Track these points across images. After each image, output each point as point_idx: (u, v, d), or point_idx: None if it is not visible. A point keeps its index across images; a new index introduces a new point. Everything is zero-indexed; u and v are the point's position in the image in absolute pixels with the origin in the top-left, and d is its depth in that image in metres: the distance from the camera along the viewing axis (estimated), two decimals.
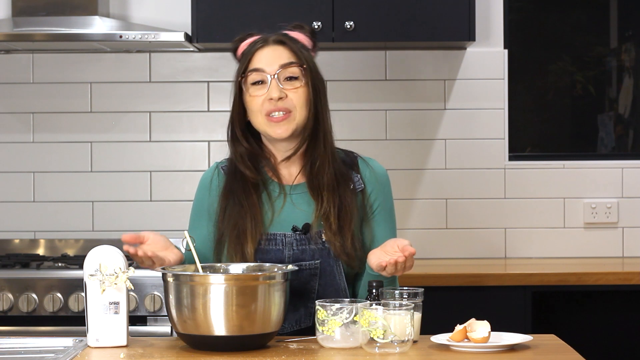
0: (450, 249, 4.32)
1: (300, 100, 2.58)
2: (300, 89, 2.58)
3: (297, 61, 2.59)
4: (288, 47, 2.61)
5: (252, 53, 2.61)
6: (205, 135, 4.32)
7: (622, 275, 3.83)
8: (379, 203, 2.66)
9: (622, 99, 4.52)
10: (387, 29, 3.99)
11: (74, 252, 4.22)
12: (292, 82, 2.58)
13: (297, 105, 2.58)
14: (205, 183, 2.69)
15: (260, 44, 2.61)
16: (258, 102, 2.58)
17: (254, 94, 2.59)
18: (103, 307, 2.34)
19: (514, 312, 3.74)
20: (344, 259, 2.58)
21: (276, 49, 2.60)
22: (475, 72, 4.31)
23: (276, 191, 2.62)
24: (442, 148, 4.32)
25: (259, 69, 2.59)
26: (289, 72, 2.58)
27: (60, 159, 4.32)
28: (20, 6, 4.07)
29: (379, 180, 2.67)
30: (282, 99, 2.56)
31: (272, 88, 2.56)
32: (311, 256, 2.57)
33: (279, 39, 2.61)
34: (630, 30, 4.53)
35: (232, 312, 2.24)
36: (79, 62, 4.31)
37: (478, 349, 2.27)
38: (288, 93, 2.57)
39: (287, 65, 2.58)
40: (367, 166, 2.68)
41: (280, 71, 2.57)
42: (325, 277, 2.58)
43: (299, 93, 2.58)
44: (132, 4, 4.30)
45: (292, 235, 2.58)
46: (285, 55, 2.60)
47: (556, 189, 4.33)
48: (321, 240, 2.58)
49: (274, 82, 2.57)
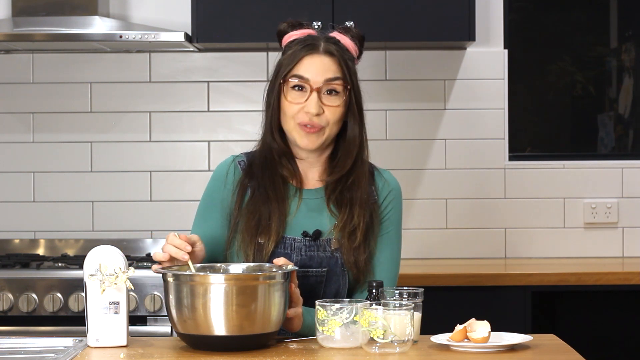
0: (450, 249, 4.32)
1: (334, 118, 2.54)
2: (338, 108, 2.54)
3: (342, 78, 2.55)
4: (336, 59, 2.55)
5: (299, 58, 2.55)
6: (205, 135, 4.32)
7: (622, 275, 3.83)
8: (388, 217, 2.63)
9: (622, 99, 4.52)
10: (387, 29, 3.99)
11: (74, 252, 4.22)
12: (331, 98, 2.54)
13: (330, 121, 2.54)
14: (220, 175, 2.63)
15: (310, 50, 2.55)
16: (294, 109, 2.54)
17: (292, 100, 2.54)
18: (103, 307, 2.34)
19: (514, 312, 3.74)
20: (354, 272, 2.56)
21: (325, 61, 2.54)
22: (475, 72, 4.31)
23: (292, 193, 2.60)
24: (442, 148, 4.32)
25: (303, 77, 2.53)
26: (332, 86, 2.54)
27: (60, 159, 4.32)
28: (20, 6, 4.07)
29: (391, 194, 2.64)
30: (319, 115, 2.53)
31: (311, 101, 2.52)
32: (318, 263, 2.56)
33: (329, 50, 2.55)
34: (630, 30, 4.53)
35: (232, 312, 2.24)
36: (79, 62, 4.31)
37: (478, 349, 2.27)
38: (325, 109, 2.53)
39: (332, 80, 2.54)
40: (381, 178, 2.65)
41: (323, 85, 2.53)
42: (330, 286, 2.57)
43: (336, 111, 2.54)
44: (132, 4, 4.30)
45: (301, 240, 2.56)
46: (332, 69, 2.54)
47: (556, 189, 4.33)
48: (330, 248, 2.56)
49: (314, 95, 2.52)
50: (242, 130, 4.29)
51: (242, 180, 2.60)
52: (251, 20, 3.99)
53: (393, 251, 2.63)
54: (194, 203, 2.82)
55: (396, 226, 2.64)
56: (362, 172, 2.59)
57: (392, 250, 2.62)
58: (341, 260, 2.56)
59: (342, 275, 2.57)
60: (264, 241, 2.53)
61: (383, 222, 2.62)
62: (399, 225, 2.65)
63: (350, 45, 2.61)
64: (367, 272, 2.57)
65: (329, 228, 2.58)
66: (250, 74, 4.32)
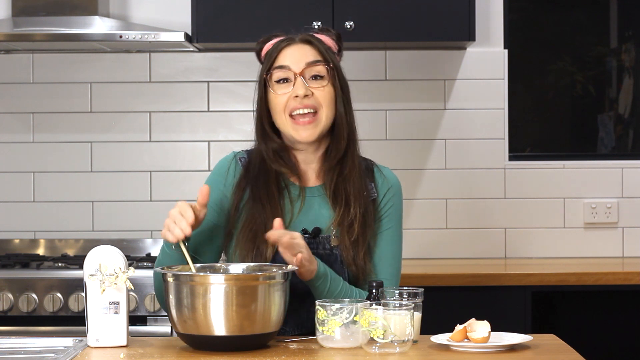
0: (450, 249, 4.32)
1: (326, 99, 2.56)
2: (327, 87, 2.56)
3: (323, 60, 2.57)
4: (314, 46, 2.58)
5: (278, 51, 2.58)
6: (205, 135, 4.32)
7: (622, 275, 3.83)
8: (388, 214, 2.63)
9: (622, 99, 4.52)
10: (387, 29, 3.99)
11: (74, 252, 4.22)
12: (318, 81, 2.56)
13: (323, 103, 2.55)
14: (221, 171, 2.64)
15: (286, 42, 2.59)
16: (282, 101, 2.55)
17: (279, 92, 2.56)
18: (103, 307, 2.34)
19: (514, 312, 3.74)
20: (353, 270, 2.57)
21: (302, 48, 2.58)
22: (475, 72, 4.31)
23: (295, 193, 2.60)
24: (442, 148, 4.32)
25: (284, 66, 2.56)
26: (315, 70, 2.56)
27: (60, 159, 4.32)
28: (20, 6, 4.07)
29: (391, 191, 2.64)
30: (308, 97, 2.54)
31: (297, 85, 2.54)
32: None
33: (306, 38, 2.59)
34: (630, 30, 4.53)
35: (232, 312, 2.24)
36: (79, 62, 4.31)
37: (478, 349, 2.27)
38: (314, 91, 2.55)
39: (314, 63, 2.56)
40: (381, 175, 2.65)
41: (306, 69, 2.55)
42: None
43: (325, 91, 2.56)
44: (132, 4, 4.30)
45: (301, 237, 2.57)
46: (311, 54, 2.57)
47: (556, 189, 4.33)
48: (329, 245, 2.57)
49: (299, 79, 2.54)
50: (242, 130, 4.29)
51: (240, 181, 2.61)
52: (251, 20, 3.99)
53: (394, 248, 2.63)
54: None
55: (397, 223, 2.64)
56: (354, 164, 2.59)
57: (393, 246, 2.62)
58: (340, 257, 2.57)
59: (342, 273, 2.57)
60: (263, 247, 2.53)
61: (383, 218, 2.62)
62: (399, 222, 2.65)
63: (329, 40, 2.64)
64: (366, 270, 2.57)
65: (327, 225, 2.58)
66: (251, 74, 4.29)
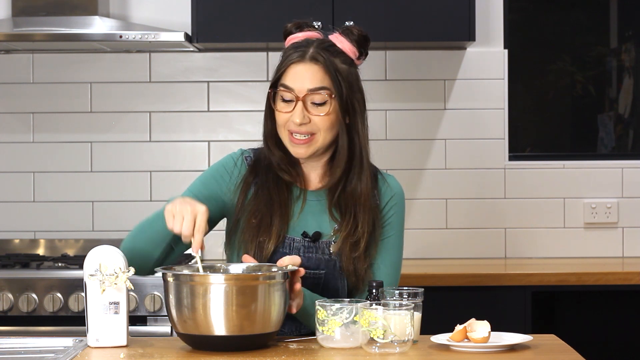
0: (450, 249, 4.32)
1: (324, 125, 2.52)
2: (326, 116, 2.52)
3: (328, 86, 2.52)
4: (323, 67, 2.52)
5: (287, 66, 2.53)
6: (205, 135, 4.32)
7: (622, 275, 3.83)
8: (390, 222, 2.61)
9: (622, 99, 4.52)
10: (387, 29, 3.99)
11: (74, 252, 4.22)
12: (318, 108, 2.52)
13: (321, 128, 2.52)
14: (228, 166, 2.63)
15: (297, 57, 2.53)
16: (284, 119, 2.53)
17: (281, 109, 2.54)
18: (103, 307, 2.34)
19: (514, 312, 3.74)
20: (352, 280, 2.56)
21: (310, 68, 2.52)
22: (475, 72, 4.31)
23: (297, 194, 2.60)
24: (442, 148, 4.32)
25: (288, 87, 2.52)
26: (316, 98, 2.52)
27: (60, 159, 4.32)
28: (20, 6, 4.07)
29: (393, 199, 2.62)
30: (305, 125, 2.51)
31: (296, 111, 2.51)
32: (316, 265, 2.55)
33: (316, 57, 2.53)
34: (630, 30, 4.53)
35: (232, 312, 2.24)
36: (79, 62, 4.31)
37: (478, 349, 2.27)
38: (312, 118, 2.52)
39: (315, 90, 2.51)
40: (384, 183, 2.63)
41: (307, 95, 2.51)
42: (328, 288, 2.56)
43: (324, 119, 2.52)
44: (132, 4, 4.30)
45: (301, 240, 2.56)
46: (317, 78, 2.51)
47: (556, 189, 4.33)
48: (329, 250, 2.56)
49: (299, 105, 2.51)
50: (242, 130, 4.29)
51: (247, 177, 2.60)
52: (251, 20, 3.99)
53: (393, 256, 2.61)
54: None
55: (397, 231, 2.62)
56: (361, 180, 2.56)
57: (392, 255, 2.61)
58: (339, 264, 2.56)
59: (340, 279, 2.56)
60: (265, 240, 2.53)
61: (385, 226, 2.60)
62: (400, 231, 2.63)
63: (348, 47, 2.57)
64: (365, 279, 2.56)
65: (329, 231, 2.58)
66: (250, 74, 4.32)
